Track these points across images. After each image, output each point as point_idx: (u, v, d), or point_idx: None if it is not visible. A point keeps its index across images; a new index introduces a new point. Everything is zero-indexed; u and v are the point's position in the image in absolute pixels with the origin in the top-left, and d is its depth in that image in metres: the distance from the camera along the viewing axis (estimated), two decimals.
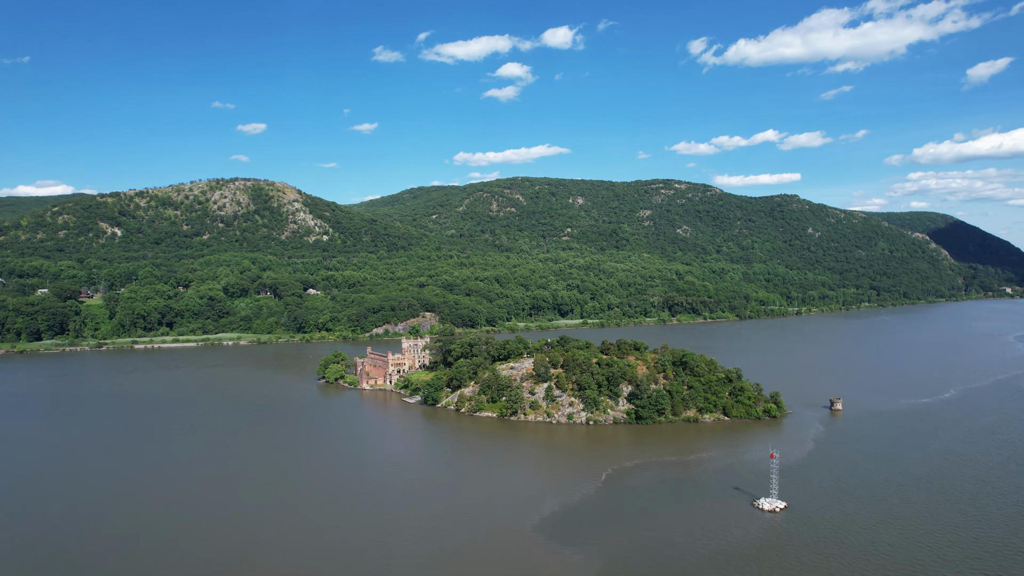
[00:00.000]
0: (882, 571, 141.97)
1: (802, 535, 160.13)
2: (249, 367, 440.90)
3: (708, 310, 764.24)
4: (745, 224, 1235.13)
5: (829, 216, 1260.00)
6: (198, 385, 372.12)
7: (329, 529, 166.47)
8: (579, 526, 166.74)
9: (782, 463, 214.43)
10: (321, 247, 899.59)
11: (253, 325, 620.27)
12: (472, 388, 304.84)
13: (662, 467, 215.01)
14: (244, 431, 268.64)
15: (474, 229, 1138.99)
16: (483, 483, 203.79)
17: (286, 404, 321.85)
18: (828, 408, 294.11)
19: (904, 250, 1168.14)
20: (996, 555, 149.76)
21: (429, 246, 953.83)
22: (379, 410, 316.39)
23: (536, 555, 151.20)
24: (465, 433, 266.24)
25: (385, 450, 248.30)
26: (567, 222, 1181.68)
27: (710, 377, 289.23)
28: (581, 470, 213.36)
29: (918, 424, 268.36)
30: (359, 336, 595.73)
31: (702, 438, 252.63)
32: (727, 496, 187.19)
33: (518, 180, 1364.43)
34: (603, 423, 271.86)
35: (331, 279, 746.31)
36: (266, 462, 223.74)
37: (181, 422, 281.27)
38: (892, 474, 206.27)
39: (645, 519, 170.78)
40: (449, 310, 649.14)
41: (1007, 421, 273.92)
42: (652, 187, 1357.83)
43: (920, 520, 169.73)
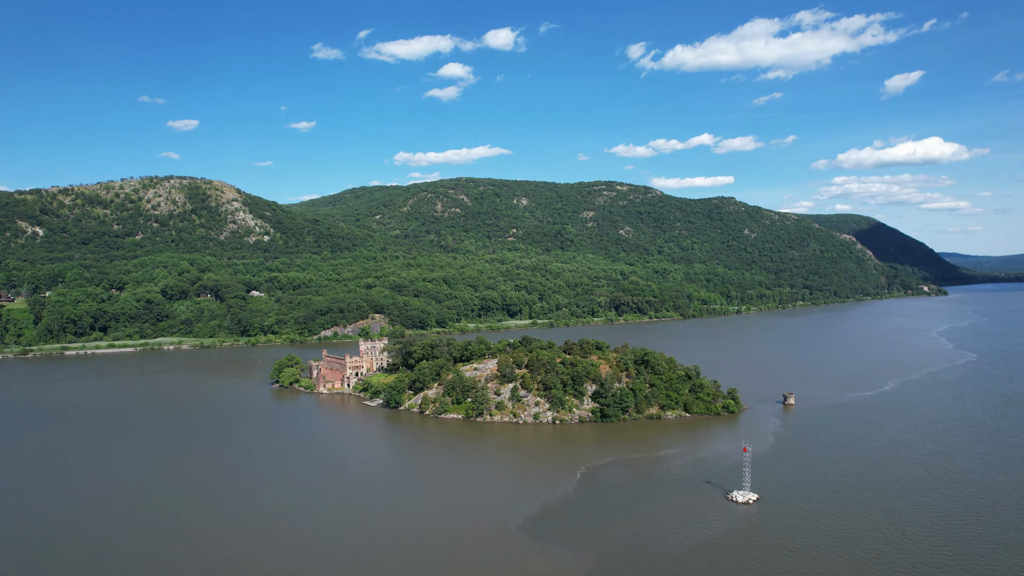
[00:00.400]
0: (854, 556, 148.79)
1: (777, 525, 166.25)
2: (196, 372, 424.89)
3: (653, 309, 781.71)
4: (685, 225, 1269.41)
5: (764, 218, 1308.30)
6: (143, 392, 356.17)
7: (310, 539, 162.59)
8: (564, 524, 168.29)
9: (741, 458, 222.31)
10: (262, 248, 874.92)
11: (194, 328, 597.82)
12: (436, 390, 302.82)
13: (633, 464, 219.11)
14: (200, 440, 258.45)
15: (419, 230, 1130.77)
16: (461, 485, 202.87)
17: (242, 410, 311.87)
18: (781, 403, 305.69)
19: (833, 251, 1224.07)
20: (952, 535, 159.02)
21: (374, 247, 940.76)
22: (340, 414, 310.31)
23: (526, 554, 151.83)
24: (433, 435, 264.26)
25: (354, 455, 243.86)
26: (512, 223, 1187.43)
27: (671, 375, 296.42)
28: (555, 469, 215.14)
29: (865, 416, 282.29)
30: (307, 339, 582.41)
31: (667, 435, 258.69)
32: (701, 490, 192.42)
33: (462, 181, 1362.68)
34: (569, 422, 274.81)
35: (275, 281, 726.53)
36: (229, 473, 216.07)
37: (130, 432, 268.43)
38: (850, 464, 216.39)
39: (626, 515, 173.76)
40: (399, 312, 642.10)
41: (943, 411, 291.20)
42: (595, 189, 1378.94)
43: (880, 506, 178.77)
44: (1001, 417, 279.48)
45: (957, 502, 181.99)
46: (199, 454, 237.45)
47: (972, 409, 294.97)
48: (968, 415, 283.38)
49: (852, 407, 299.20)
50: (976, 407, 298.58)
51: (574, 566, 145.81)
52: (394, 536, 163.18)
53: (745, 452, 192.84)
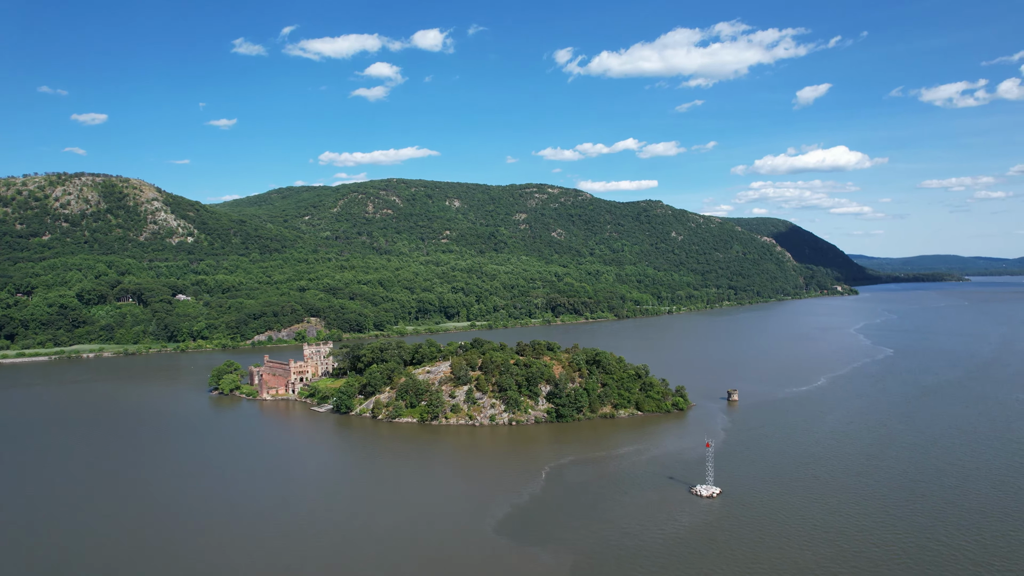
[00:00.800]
0: (818, 542, 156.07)
1: (741, 516, 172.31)
2: (122, 381, 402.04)
3: (589, 310, 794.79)
4: (615, 228, 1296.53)
5: (689, 221, 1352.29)
6: (65, 403, 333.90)
7: (280, 553, 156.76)
8: (537, 525, 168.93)
9: (701, 453, 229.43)
10: (186, 249, 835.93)
11: (116, 335, 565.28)
12: (388, 394, 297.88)
13: (595, 462, 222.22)
14: (140, 453, 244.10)
15: (350, 231, 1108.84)
16: (427, 489, 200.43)
17: (180, 420, 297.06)
18: (726, 399, 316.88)
19: (755, 252, 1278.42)
20: (900, 515, 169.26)
21: (305, 248, 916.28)
22: (288, 421, 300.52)
23: (506, 556, 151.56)
24: (390, 440, 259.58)
25: (310, 462, 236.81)
26: (445, 224, 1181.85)
27: (621, 374, 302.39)
28: (519, 470, 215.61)
29: (804, 410, 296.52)
30: (240, 344, 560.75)
31: (623, 433, 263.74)
32: (665, 485, 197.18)
33: (393, 182, 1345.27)
34: (525, 423, 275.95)
35: (202, 283, 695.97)
36: (177, 488, 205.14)
37: (55, 448, 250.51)
38: (799, 455, 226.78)
39: (597, 513, 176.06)
40: (335, 315, 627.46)
41: (872, 403, 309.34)
42: (526, 191, 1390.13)
43: (834, 494, 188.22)
44: (923, 407, 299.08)
45: (900, 486, 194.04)
46: (141, 468, 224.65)
47: (897, 400, 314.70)
48: (895, 406, 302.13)
49: (791, 402, 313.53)
50: (900, 399, 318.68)
51: (555, 566, 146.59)
52: (370, 542, 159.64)
53: (708, 448, 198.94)
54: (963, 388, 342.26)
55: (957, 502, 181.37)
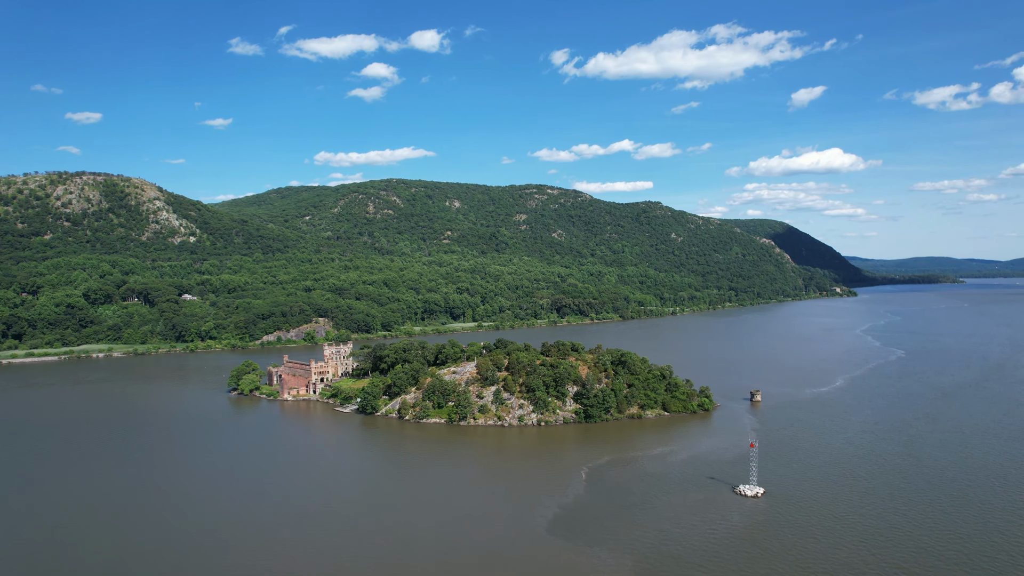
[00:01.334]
0: (869, 539, 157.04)
1: (791, 516, 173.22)
2: (138, 381, 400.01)
3: (594, 311, 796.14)
4: (615, 229, 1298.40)
5: (688, 222, 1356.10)
6: (83, 404, 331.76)
7: (336, 555, 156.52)
8: (589, 525, 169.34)
9: (737, 453, 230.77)
10: (188, 249, 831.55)
11: (124, 335, 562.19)
12: (414, 394, 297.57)
13: (632, 463, 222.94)
14: (168, 455, 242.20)
15: (351, 231, 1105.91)
16: (468, 490, 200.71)
17: (204, 420, 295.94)
18: (749, 400, 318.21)
19: (754, 254, 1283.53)
20: (943, 514, 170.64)
21: (307, 248, 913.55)
22: (313, 422, 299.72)
23: (564, 556, 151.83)
24: (421, 441, 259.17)
25: (344, 465, 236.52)
26: (446, 225, 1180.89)
27: (646, 375, 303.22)
28: (559, 470, 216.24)
29: (829, 410, 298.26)
30: (249, 344, 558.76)
31: (653, 433, 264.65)
32: (707, 485, 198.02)
33: (392, 182, 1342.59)
34: (554, 423, 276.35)
35: (207, 283, 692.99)
36: (213, 492, 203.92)
37: (83, 450, 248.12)
38: (833, 455, 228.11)
39: (647, 513, 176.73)
40: (343, 315, 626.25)
41: (895, 403, 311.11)
42: (526, 192, 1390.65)
43: (875, 492, 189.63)
44: (946, 408, 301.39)
45: (940, 486, 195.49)
46: (174, 471, 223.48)
47: (918, 401, 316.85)
48: (918, 407, 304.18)
49: (814, 402, 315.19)
50: (921, 399, 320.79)
51: (616, 566, 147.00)
52: (426, 543, 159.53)
53: (752, 448, 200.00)
54: (981, 389, 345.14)
55: (1001, 504, 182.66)
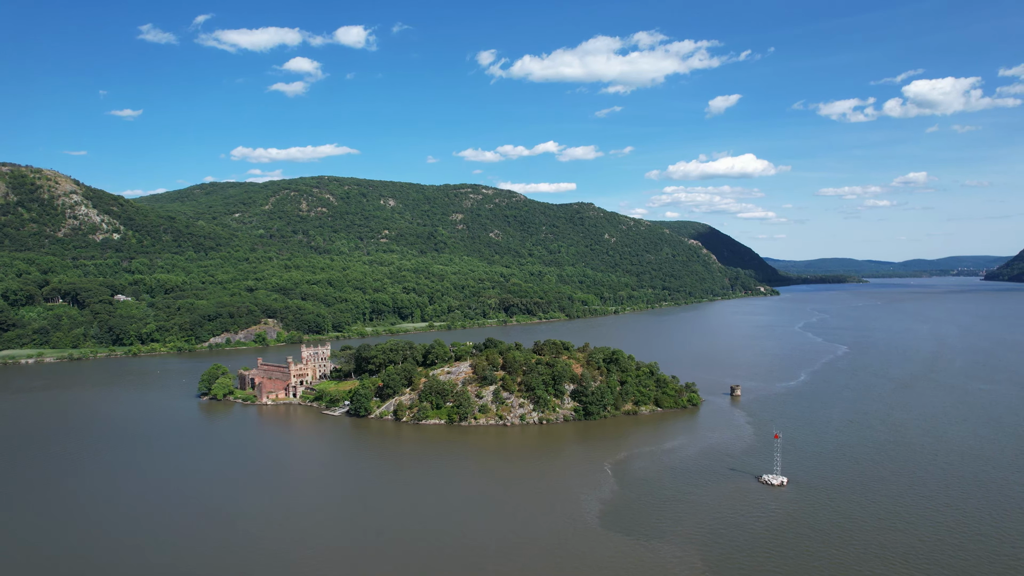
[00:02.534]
0: (891, 522, 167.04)
1: (822, 503, 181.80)
2: (86, 388, 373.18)
3: (542, 311, 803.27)
4: (550, 229, 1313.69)
5: (620, 223, 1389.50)
6: (34, 415, 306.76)
7: (398, 563, 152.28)
8: (637, 518, 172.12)
9: (744, 445, 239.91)
10: (112, 247, 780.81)
11: (52, 338, 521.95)
12: (409, 395, 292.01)
13: (649, 457, 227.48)
14: (154, 470, 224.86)
15: (285, 229, 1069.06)
16: (502, 488, 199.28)
17: (182, 429, 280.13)
18: (729, 395, 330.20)
19: (683, 255, 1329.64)
20: (953, 492, 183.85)
21: (242, 247, 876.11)
22: (304, 427, 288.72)
23: (629, 551, 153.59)
24: (431, 444, 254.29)
25: (359, 471, 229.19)
26: (383, 224, 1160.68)
27: (635, 372, 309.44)
28: (583, 467, 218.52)
29: (807, 403, 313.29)
30: (196, 347, 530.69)
31: (654, 428, 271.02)
32: (731, 476, 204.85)
33: (324, 179, 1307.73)
34: (555, 421, 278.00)
35: (140, 283, 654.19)
36: (222, 506, 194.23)
37: (53, 466, 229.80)
38: (832, 443, 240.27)
39: (688, 505, 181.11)
40: (293, 316, 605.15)
41: (862, 395, 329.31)
42: (461, 191, 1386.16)
43: (885, 477, 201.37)
44: (909, 397, 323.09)
45: (940, 466, 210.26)
46: (166, 487, 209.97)
47: (882, 391, 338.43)
48: (885, 396, 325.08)
49: (788, 395, 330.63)
50: (883, 390, 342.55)
51: (684, 557, 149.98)
52: (489, 543, 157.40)
53: (776, 439, 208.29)
54: (931, 380, 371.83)
55: (997, 481, 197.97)
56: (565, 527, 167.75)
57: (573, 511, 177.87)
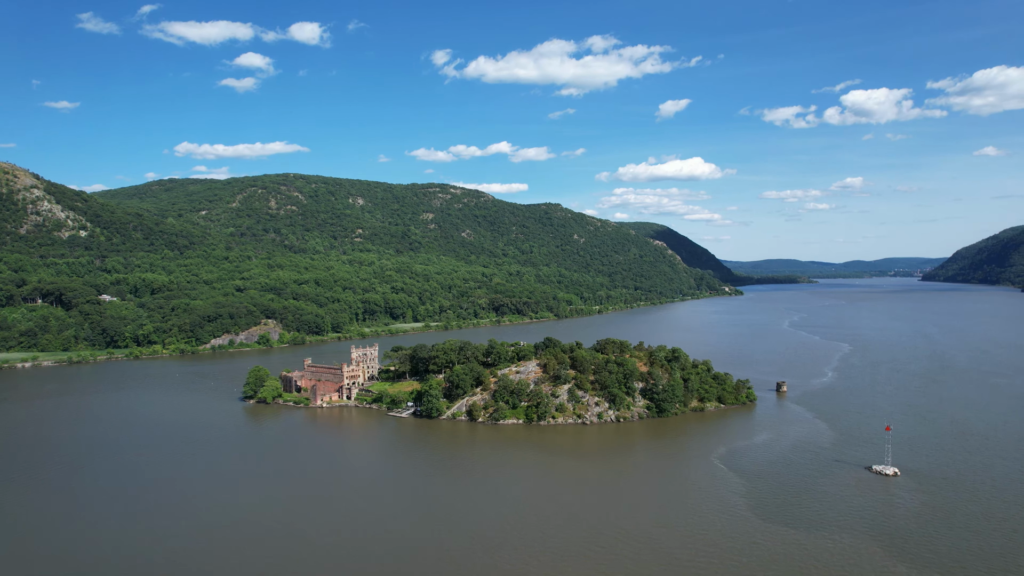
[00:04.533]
0: (1011, 504, 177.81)
1: (946, 491, 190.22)
2: (108, 392, 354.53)
3: (531, 311, 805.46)
4: (520, 229, 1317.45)
5: (588, 224, 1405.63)
6: (63, 421, 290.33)
7: (569, 549, 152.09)
8: (786, 508, 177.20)
9: (829, 438, 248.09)
10: (80, 244, 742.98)
11: (41, 341, 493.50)
12: (481, 395, 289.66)
13: (749, 451, 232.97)
14: (245, 485, 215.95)
15: (255, 227, 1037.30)
16: (625, 483, 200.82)
17: (253, 435, 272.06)
18: (775, 391, 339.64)
19: (650, 255, 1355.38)
20: None
21: (217, 246, 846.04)
22: (381, 430, 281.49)
23: (804, 541, 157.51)
24: (525, 443, 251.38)
25: (483, 471, 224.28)
26: (355, 222, 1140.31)
27: (694, 370, 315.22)
28: (690, 460, 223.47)
29: (855, 397, 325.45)
30: (198, 349, 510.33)
31: (727, 423, 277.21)
32: (842, 467, 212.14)
33: (290, 177, 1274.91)
34: (630, 419, 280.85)
35: (123, 283, 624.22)
36: (346, 523, 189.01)
37: (120, 477, 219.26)
38: (910, 434, 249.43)
39: (823, 497, 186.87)
40: (292, 317, 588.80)
41: (901, 389, 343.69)
42: (429, 191, 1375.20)
43: (988, 464, 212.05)
44: (946, 390, 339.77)
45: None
46: (281, 497, 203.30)
47: (915, 385, 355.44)
48: (923, 389, 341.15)
49: (832, 391, 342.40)
50: (915, 383, 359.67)
51: (855, 546, 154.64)
52: (660, 540, 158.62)
53: (888, 431, 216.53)
54: (951, 374, 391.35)
55: None
56: (724, 519, 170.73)
57: (720, 503, 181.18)
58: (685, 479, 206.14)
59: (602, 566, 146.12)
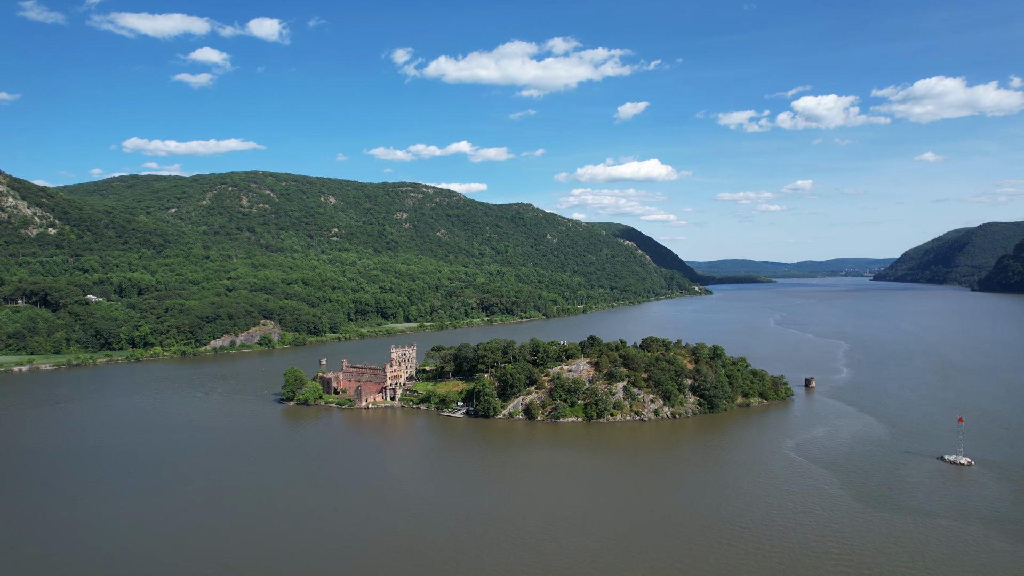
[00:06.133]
0: None
1: (1021, 479, 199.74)
2: (130, 396, 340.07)
3: (521, 311, 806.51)
4: (493, 229, 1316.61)
5: (560, 224, 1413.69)
6: (110, 428, 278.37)
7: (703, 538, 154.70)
8: (887, 496, 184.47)
9: (883, 431, 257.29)
10: (51, 242, 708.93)
11: (31, 343, 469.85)
12: (536, 394, 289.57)
13: (814, 443, 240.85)
14: (332, 489, 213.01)
15: (228, 226, 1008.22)
16: (727, 477, 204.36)
17: (306, 439, 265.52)
18: (804, 386, 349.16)
19: (622, 255, 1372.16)
20: None
21: (195, 244, 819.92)
22: (441, 430, 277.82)
23: (922, 527, 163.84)
24: (597, 440, 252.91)
25: (603, 477, 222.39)
26: (329, 221, 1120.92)
27: (734, 367, 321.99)
28: (767, 454, 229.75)
29: (881, 390, 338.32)
30: (200, 351, 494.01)
31: (782, 418, 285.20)
32: (915, 458, 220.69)
33: (259, 174, 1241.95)
34: (684, 415, 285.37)
35: (106, 282, 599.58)
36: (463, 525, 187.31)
37: (196, 481, 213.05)
38: (956, 427, 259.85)
39: (915, 485, 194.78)
40: (290, 317, 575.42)
41: (923, 383, 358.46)
42: (401, 190, 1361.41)
43: None
44: (961, 383, 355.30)
45: None
46: (377, 507, 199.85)
47: (929, 379, 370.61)
48: (941, 384, 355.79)
49: (857, 386, 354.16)
50: (927, 378, 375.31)
51: (972, 533, 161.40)
52: (776, 530, 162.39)
53: (960, 422, 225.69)
54: (955, 369, 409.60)
55: None
56: (831, 508, 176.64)
57: (819, 493, 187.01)
58: (775, 471, 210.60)
59: (741, 555, 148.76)
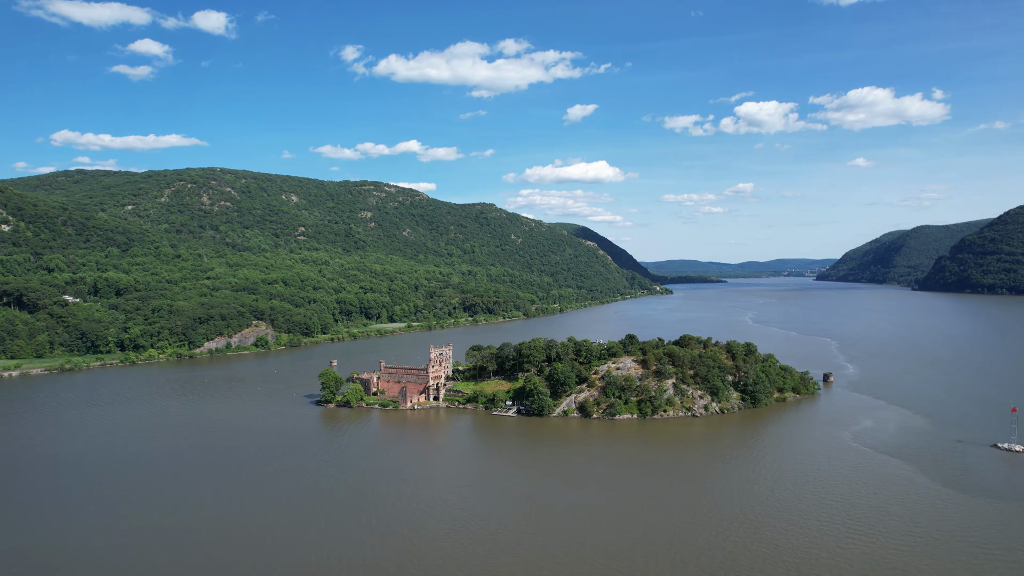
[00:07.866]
0: None
1: None
2: (151, 400, 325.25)
3: (502, 310, 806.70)
4: (458, 229, 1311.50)
5: (523, 224, 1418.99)
6: (152, 429, 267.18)
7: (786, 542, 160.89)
8: (963, 480, 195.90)
9: (922, 421, 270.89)
10: (5, 240, 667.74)
11: (11, 347, 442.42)
12: (588, 392, 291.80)
13: (863, 436, 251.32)
14: (423, 500, 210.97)
15: (190, 224, 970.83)
16: (817, 469, 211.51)
17: (365, 443, 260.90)
18: (823, 381, 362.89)
19: (585, 256, 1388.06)
20: None
21: (161, 243, 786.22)
22: (501, 431, 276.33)
23: (1011, 511, 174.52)
24: (666, 437, 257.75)
25: (716, 478, 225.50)
26: (294, 220, 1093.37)
27: (767, 364, 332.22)
28: (832, 445, 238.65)
29: (896, 384, 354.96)
30: (196, 353, 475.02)
31: (820, 411, 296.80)
32: (970, 446, 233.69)
33: (217, 171, 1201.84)
34: (730, 411, 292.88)
35: (80, 282, 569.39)
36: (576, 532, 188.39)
37: (281, 487, 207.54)
38: (995, 415, 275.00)
39: (987, 473, 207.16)
40: (282, 318, 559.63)
41: (930, 377, 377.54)
42: (363, 188, 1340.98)
43: None
44: (967, 376, 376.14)
45: None
46: (483, 505, 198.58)
47: (932, 373, 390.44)
48: (948, 378, 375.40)
49: (869, 381, 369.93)
50: (931, 372, 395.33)
51: None
52: (892, 516, 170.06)
53: (1015, 412, 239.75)
54: (950, 364, 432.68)
55: None
56: (919, 494, 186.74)
57: (905, 479, 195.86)
58: (850, 461, 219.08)
59: (863, 538, 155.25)
